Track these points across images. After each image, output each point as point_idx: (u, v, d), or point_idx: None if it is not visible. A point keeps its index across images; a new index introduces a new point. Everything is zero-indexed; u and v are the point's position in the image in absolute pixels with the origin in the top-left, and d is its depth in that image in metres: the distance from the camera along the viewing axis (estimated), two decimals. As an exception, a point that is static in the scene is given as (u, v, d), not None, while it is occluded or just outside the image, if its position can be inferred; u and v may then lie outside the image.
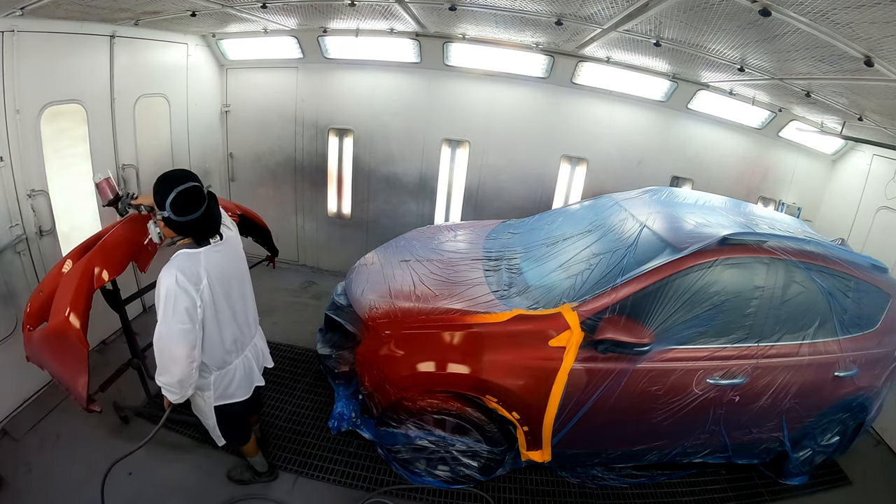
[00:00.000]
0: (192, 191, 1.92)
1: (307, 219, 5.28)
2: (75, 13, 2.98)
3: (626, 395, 2.60)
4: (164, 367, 1.99)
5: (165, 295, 1.90)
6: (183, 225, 1.93)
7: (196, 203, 1.93)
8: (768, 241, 2.75)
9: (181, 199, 1.89)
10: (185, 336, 1.94)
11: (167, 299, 1.90)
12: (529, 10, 2.97)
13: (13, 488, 2.61)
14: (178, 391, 2.04)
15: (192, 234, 1.99)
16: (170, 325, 1.92)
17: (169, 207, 1.88)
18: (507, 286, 2.95)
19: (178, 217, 1.90)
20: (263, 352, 2.55)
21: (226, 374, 2.26)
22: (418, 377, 2.65)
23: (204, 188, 1.98)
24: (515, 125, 4.70)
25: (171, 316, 1.91)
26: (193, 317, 1.95)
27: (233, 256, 2.19)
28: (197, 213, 1.93)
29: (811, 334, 2.79)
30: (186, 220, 1.92)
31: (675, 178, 4.76)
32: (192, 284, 1.94)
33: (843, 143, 4.36)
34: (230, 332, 2.20)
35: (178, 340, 1.94)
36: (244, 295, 2.30)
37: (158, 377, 2.03)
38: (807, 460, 3.18)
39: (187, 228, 1.95)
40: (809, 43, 2.14)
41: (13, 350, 2.81)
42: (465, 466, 2.84)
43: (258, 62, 4.80)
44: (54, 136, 3.15)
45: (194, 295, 1.94)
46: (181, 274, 1.91)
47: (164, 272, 1.93)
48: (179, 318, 1.92)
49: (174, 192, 1.88)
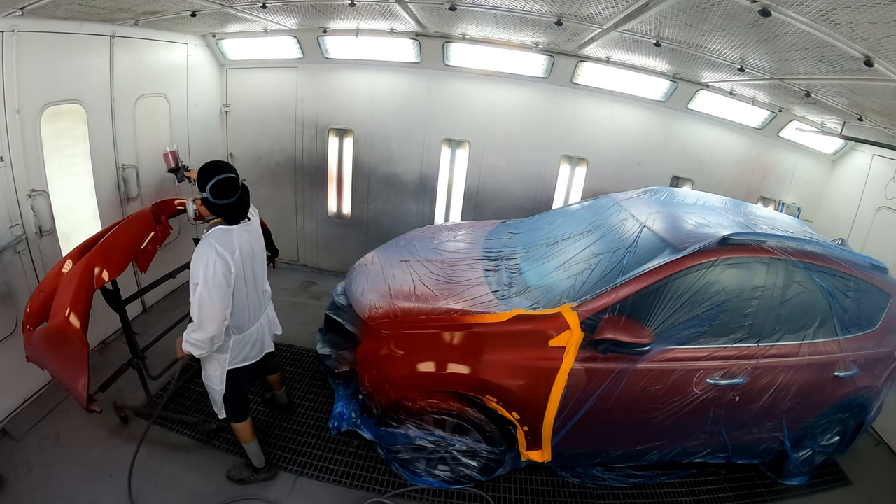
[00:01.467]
0: (229, 181, 2.25)
1: (307, 219, 5.28)
2: (75, 13, 2.98)
3: (627, 396, 2.60)
4: (200, 325, 2.22)
5: (206, 261, 2.19)
6: (217, 207, 2.26)
7: (231, 191, 2.26)
8: (768, 241, 2.75)
9: (219, 186, 2.22)
10: (221, 296, 2.22)
11: (207, 265, 2.19)
12: (529, 10, 2.97)
13: (13, 488, 2.61)
14: (207, 347, 2.26)
15: (223, 216, 2.31)
16: (209, 287, 2.18)
17: (209, 190, 2.22)
18: (507, 286, 2.95)
19: (215, 199, 2.24)
20: (273, 320, 2.85)
21: (243, 338, 2.51)
22: (418, 377, 2.65)
23: (240, 181, 2.31)
24: (515, 125, 4.70)
25: (210, 279, 2.18)
26: (229, 280, 2.25)
27: (255, 236, 2.52)
28: (230, 199, 2.26)
29: (811, 334, 2.79)
30: (221, 204, 2.25)
31: (675, 178, 4.76)
32: (228, 253, 2.25)
33: (843, 143, 4.36)
34: (251, 301, 2.48)
35: (216, 300, 2.20)
36: (262, 269, 2.62)
37: (192, 334, 2.24)
38: (807, 460, 3.18)
39: (220, 210, 2.28)
40: (809, 43, 2.14)
41: (13, 350, 2.81)
42: (465, 466, 2.85)
43: (258, 62, 4.80)
44: (54, 136, 3.16)
45: (230, 261, 2.24)
46: (219, 244, 2.23)
47: (202, 243, 2.24)
48: (217, 281, 2.20)
49: (215, 178, 2.22)
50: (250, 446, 2.76)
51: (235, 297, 2.33)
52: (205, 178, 2.23)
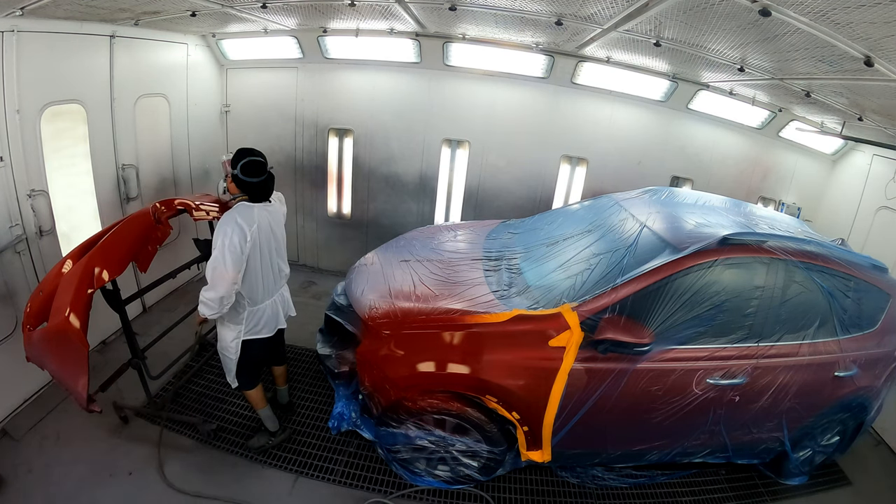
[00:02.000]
0: (257, 163, 2.55)
1: (307, 219, 5.28)
2: (75, 13, 2.98)
3: (627, 396, 2.60)
4: (213, 284, 2.42)
5: (225, 229, 2.41)
6: (244, 184, 2.54)
7: (258, 172, 2.55)
8: (768, 241, 2.75)
9: (249, 166, 2.52)
10: (234, 260, 2.42)
11: (226, 233, 2.41)
12: (529, 10, 2.97)
13: (13, 488, 2.61)
14: (217, 307, 2.45)
15: (249, 193, 2.58)
16: (224, 251, 2.39)
17: (239, 168, 2.51)
18: (507, 286, 2.95)
19: (243, 176, 2.52)
20: (288, 301, 3.00)
21: (257, 311, 2.70)
22: (418, 377, 2.65)
23: (268, 167, 2.61)
24: (515, 125, 4.70)
25: (227, 244, 2.40)
26: (243, 247, 2.45)
27: (276, 220, 2.74)
28: (257, 179, 2.54)
29: (811, 334, 2.79)
30: (247, 181, 2.53)
31: (675, 178, 4.77)
32: (247, 224, 2.47)
33: (843, 143, 4.36)
34: (265, 275, 2.67)
35: (229, 262, 2.40)
36: (280, 251, 2.81)
37: (204, 293, 2.45)
38: (807, 460, 3.18)
39: (246, 187, 2.55)
40: (809, 43, 2.14)
41: (13, 350, 2.81)
42: (465, 466, 2.84)
43: (258, 62, 4.80)
44: (54, 136, 3.16)
45: (247, 232, 2.46)
46: (239, 216, 2.46)
47: (226, 216, 2.48)
48: (232, 248, 2.41)
49: (247, 158, 2.53)
50: (264, 411, 2.99)
51: (249, 267, 2.53)
52: (239, 157, 2.53)
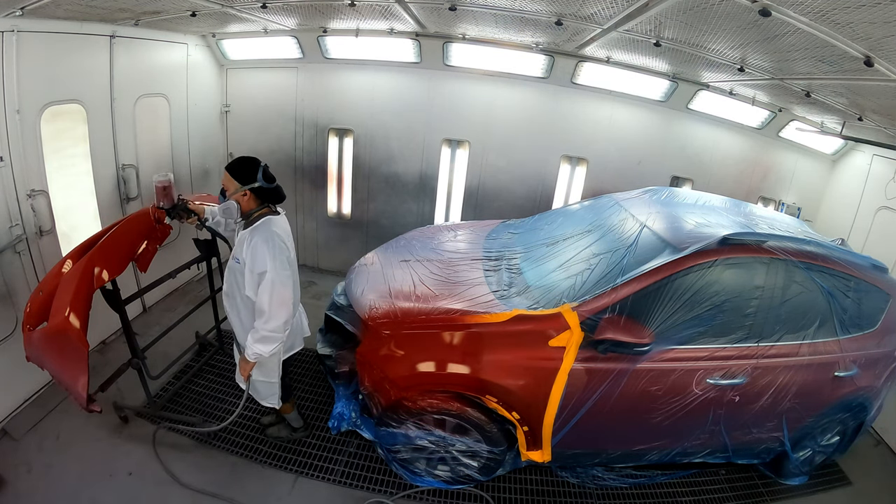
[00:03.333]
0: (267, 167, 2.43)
1: (307, 219, 5.28)
2: (75, 13, 2.98)
3: (627, 396, 2.60)
4: (272, 314, 2.28)
5: (272, 248, 2.28)
6: (269, 191, 2.39)
7: (271, 173, 2.43)
8: (768, 241, 2.75)
9: (268, 171, 2.41)
10: (289, 281, 2.33)
11: (274, 251, 2.28)
12: (529, 10, 2.97)
13: (13, 488, 2.61)
14: (281, 335, 2.35)
15: (272, 200, 2.44)
16: (279, 273, 2.27)
17: (262, 177, 2.35)
18: (507, 286, 2.95)
19: (269, 184, 2.38)
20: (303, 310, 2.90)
21: (293, 326, 2.58)
22: (418, 377, 2.65)
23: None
24: (515, 125, 4.70)
25: (279, 265, 2.28)
26: (293, 265, 2.40)
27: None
28: (275, 181, 2.43)
29: (811, 334, 2.79)
30: (272, 187, 2.40)
31: (675, 178, 4.76)
32: (286, 237, 2.39)
33: (843, 143, 4.36)
34: (296, 286, 2.57)
35: (286, 285, 2.30)
36: None
37: (266, 325, 2.29)
38: (807, 460, 3.18)
39: (270, 194, 2.41)
40: (809, 43, 2.14)
41: (13, 350, 2.81)
42: (465, 466, 2.84)
43: (258, 62, 4.80)
44: (54, 136, 3.15)
45: (290, 247, 2.39)
46: (278, 232, 2.34)
47: (260, 235, 2.31)
48: (284, 266, 2.30)
49: (261, 166, 2.38)
50: (291, 416, 3.00)
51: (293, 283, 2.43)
52: (252, 168, 2.37)
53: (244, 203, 2.40)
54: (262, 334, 2.31)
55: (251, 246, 2.31)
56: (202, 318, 3.66)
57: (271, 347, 2.35)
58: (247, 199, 2.39)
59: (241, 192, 2.36)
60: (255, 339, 2.33)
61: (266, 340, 2.33)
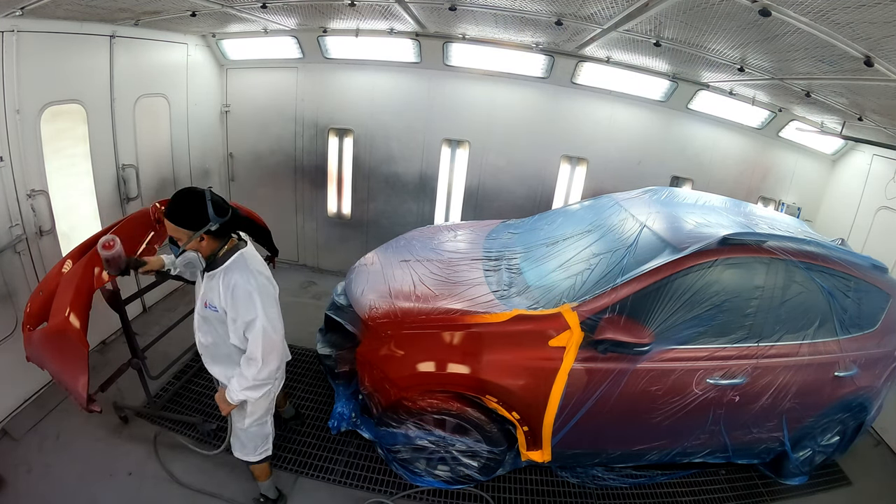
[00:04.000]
0: (203, 192, 1.98)
1: (307, 219, 5.28)
2: (75, 13, 2.98)
3: (627, 396, 2.60)
4: (267, 361, 2.04)
5: (255, 291, 2.00)
6: (229, 223, 2.01)
7: (220, 199, 2.01)
8: (768, 241, 2.75)
9: (216, 203, 1.97)
10: (279, 322, 2.11)
11: (259, 294, 2.01)
12: (529, 10, 2.97)
13: (13, 488, 2.61)
14: (271, 382, 2.15)
15: (234, 229, 2.09)
16: (269, 316, 2.03)
17: (216, 213, 1.95)
18: (507, 286, 2.95)
19: (224, 217, 1.98)
20: None
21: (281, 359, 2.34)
22: (418, 377, 2.65)
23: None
24: (515, 125, 4.70)
25: (266, 308, 2.02)
26: (277, 301, 2.14)
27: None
28: (230, 207, 2.03)
29: (811, 334, 2.79)
30: (230, 217, 2.01)
31: (675, 178, 4.76)
32: (266, 273, 2.13)
33: (843, 143, 4.36)
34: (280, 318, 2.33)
35: (277, 327, 2.08)
36: None
37: (257, 375, 2.05)
38: (807, 460, 3.18)
39: (231, 225, 2.04)
40: (809, 43, 2.14)
41: (13, 350, 2.81)
42: (465, 466, 2.84)
43: (258, 62, 4.80)
44: (54, 136, 3.15)
45: (271, 281, 2.15)
46: (254, 269, 2.07)
47: (238, 276, 2.01)
48: (273, 306, 2.08)
49: (207, 200, 1.94)
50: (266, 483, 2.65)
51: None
52: (201, 208, 1.93)
53: (204, 249, 2.02)
54: (252, 383, 2.07)
55: (230, 290, 2.00)
56: (202, 318, 3.65)
57: (261, 392, 2.14)
58: (206, 244, 2.01)
59: (196, 239, 1.96)
60: (245, 387, 2.08)
61: (257, 388, 2.11)
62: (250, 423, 2.35)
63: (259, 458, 2.47)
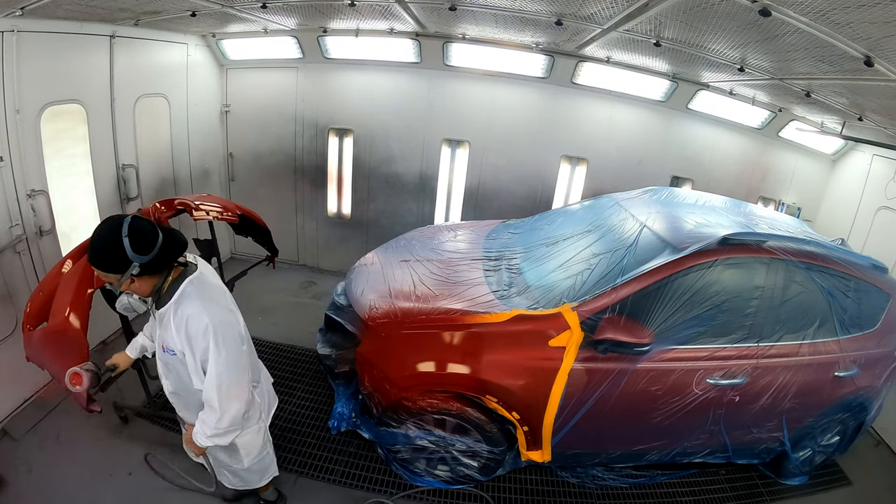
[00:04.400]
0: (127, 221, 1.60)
1: (307, 219, 5.28)
2: (75, 13, 2.98)
3: (627, 396, 2.60)
4: (225, 411, 1.76)
5: (208, 328, 1.68)
6: (159, 257, 1.64)
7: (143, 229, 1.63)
8: (768, 241, 2.75)
9: (134, 236, 1.58)
10: (242, 361, 1.79)
11: (214, 332, 1.69)
12: (529, 10, 2.97)
13: (13, 488, 2.61)
14: (239, 427, 1.86)
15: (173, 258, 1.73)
16: (227, 358, 1.72)
17: (132, 251, 1.58)
18: (507, 286, 2.95)
19: (149, 252, 1.61)
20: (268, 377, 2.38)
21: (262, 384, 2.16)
22: (418, 377, 2.65)
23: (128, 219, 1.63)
24: (515, 125, 4.70)
25: (223, 347, 1.71)
26: (243, 336, 1.82)
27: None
28: (157, 233, 1.65)
29: (811, 334, 2.79)
30: (159, 248, 1.64)
31: (675, 178, 4.76)
32: (224, 302, 1.80)
33: (843, 143, 4.36)
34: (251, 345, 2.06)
35: (241, 370, 1.78)
36: None
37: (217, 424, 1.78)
38: (807, 460, 3.18)
39: (165, 256, 1.68)
40: (809, 43, 2.14)
41: (13, 350, 2.81)
42: (465, 466, 2.84)
43: (258, 62, 4.79)
44: (54, 136, 3.15)
45: (233, 311, 1.82)
46: (209, 299, 1.73)
47: (190, 307, 1.70)
48: (234, 344, 1.76)
49: (123, 237, 1.57)
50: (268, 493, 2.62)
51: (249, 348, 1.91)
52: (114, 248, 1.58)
53: (140, 289, 1.72)
54: (213, 432, 1.81)
55: (183, 326, 1.70)
56: (202, 318, 3.65)
57: (231, 437, 1.88)
58: (139, 284, 1.69)
59: (126, 281, 1.65)
60: (208, 435, 1.82)
61: (224, 435, 1.84)
62: (250, 462, 2.18)
63: (265, 482, 2.37)
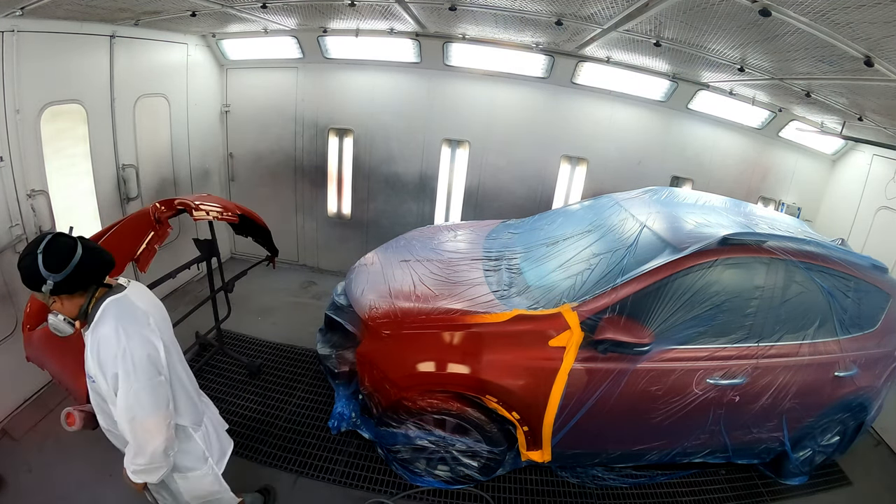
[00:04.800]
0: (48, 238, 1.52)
1: (307, 219, 5.28)
2: (75, 13, 2.98)
3: (627, 396, 2.60)
4: (141, 447, 1.63)
5: (116, 354, 1.54)
6: (74, 275, 1.52)
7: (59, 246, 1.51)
8: (768, 241, 2.75)
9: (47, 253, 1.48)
10: (157, 393, 1.61)
11: (123, 359, 1.54)
12: (529, 10, 2.97)
13: (13, 488, 2.62)
14: (163, 462, 1.70)
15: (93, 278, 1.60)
16: (136, 388, 1.56)
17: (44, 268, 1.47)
18: (507, 286, 2.95)
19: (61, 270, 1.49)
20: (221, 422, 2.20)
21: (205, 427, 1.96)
22: (418, 377, 2.65)
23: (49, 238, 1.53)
24: (515, 125, 4.70)
25: (133, 376, 1.55)
26: (159, 365, 1.64)
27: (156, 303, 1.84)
28: (75, 251, 1.52)
29: (811, 334, 2.79)
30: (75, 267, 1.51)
31: (675, 178, 4.76)
32: (143, 325, 1.62)
33: (843, 143, 4.36)
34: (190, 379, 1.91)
35: (153, 402, 1.60)
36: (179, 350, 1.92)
37: (134, 461, 1.66)
38: (807, 460, 3.18)
39: (82, 276, 1.55)
40: (809, 43, 2.14)
41: (13, 350, 2.81)
42: (465, 466, 2.84)
43: (258, 62, 4.79)
44: (54, 136, 3.15)
45: (151, 337, 1.63)
46: (122, 321, 1.58)
47: (102, 329, 1.57)
48: (146, 374, 1.58)
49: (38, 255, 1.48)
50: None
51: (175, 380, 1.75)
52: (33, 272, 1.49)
53: (65, 308, 1.60)
54: (134, 468, 1.68)
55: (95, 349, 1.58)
56: (202, 318, 3.65)
57: (156, 476, 1.73)
58: (62, 304, 1.59)
59: (49, 301, 1.57)
60: (130, 470, 1.70)
61: (149, 472, 1.71)
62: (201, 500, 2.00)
63: None
